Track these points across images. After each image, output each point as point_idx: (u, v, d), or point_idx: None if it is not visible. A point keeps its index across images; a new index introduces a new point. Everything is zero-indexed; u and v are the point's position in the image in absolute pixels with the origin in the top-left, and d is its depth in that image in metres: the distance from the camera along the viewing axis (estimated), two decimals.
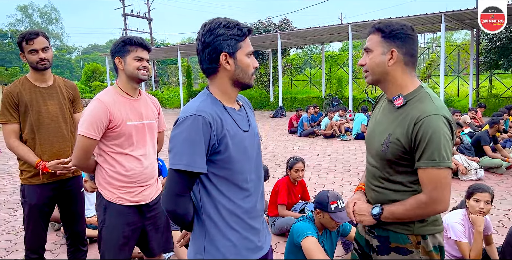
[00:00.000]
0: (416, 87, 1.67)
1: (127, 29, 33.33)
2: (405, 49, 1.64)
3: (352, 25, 15.09)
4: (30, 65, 2.67)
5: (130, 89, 2.35)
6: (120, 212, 2.33)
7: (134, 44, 2.28)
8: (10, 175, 7.46)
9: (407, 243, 1.67)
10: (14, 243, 4.18)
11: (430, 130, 1.53)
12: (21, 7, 68.38)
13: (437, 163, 1.54)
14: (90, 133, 2.19)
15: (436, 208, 1.58)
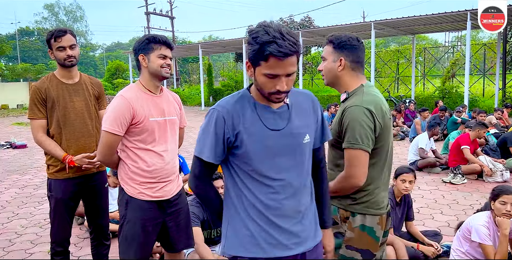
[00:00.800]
0: (357, 86, 2.01)
1: (149, 27, 33.70)
2: (351, 57, 1.99)
3: (375, 23, 14.90)
4: (57, 62, 2.73)
5: (152, 86, 2.38)
6: (141, 207, 2.36)
7: (158, 42, 2.31)
8: (36, 170, 7.66)
9: (335, 214, 1.99)
10: (39, 236, 4.29)
11: (350, 118, 1.88)
12: (48, 5, 69.91)
13: (351, 144, 1.86)
14: (114, 128, 2.23)
15: (350, 181, 1.90)
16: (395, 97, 16.85)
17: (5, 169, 7.76)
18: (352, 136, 1.86)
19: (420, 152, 6.83)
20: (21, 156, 9.25)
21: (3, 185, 6.53)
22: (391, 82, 22.61)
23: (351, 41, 1.98)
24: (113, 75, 33.23)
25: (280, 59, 1.43)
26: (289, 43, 1.41)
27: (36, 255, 3.83)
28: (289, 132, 1.60)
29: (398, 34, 18.34)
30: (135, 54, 2.35)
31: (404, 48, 23.71)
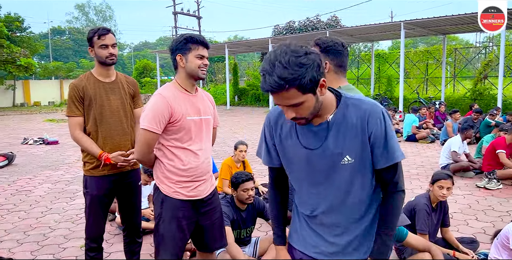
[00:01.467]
0: (336, 87, 2.05)
1: (177, 27, 34.08)
2: (335, 61, 2.10)
3: (405, 23, 14.60)
4: (98, 60, 2.77)
5: (189, 86, 2.39)
6: (176, 206, 2.37)
7: (196, 42, 2.30)
8: (68, 166, 7.84)
9: None
10: (72, 231, 4.38)
11: None
12: (79, 5, 71.64)
13: None
14: (152, 126, 2.24)
15: None
16: (424, 99, 16.48)
17: (38, 165, 7.97)
18: None
19: (453, 155, 6.64)
20: (53, 152, 9.49)
21: (36, 180, 6.71)
22: (420, 83, 22.15)
23: (337, 46, 2.10)
24: (140, 74, 33.75)
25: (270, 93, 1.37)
26: (274, 80, 1.31)
27: (69, 250, 3.90)
28: (322, 152, 1.53)
29: (428, 34, 17.95)
30: (172, 53, 2.34)
31: (433, 48, 23.16)
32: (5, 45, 22.53)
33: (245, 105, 24.88)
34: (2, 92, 26.67)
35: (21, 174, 7.13)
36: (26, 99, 28.52)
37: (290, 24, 23.41)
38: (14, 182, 6.56)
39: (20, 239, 4.16)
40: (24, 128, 14.46)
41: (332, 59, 2.11)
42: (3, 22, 24.46)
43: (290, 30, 22.72)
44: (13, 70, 23.39)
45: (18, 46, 24.91)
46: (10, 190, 6.10)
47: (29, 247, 3.96)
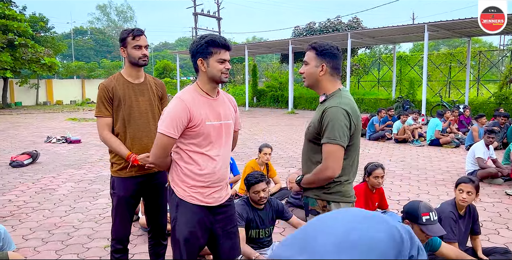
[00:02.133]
0: (335, 89, 2.27)
1: (197, 28, 34.27)
2: (331, 64, 2.24)
3: (428, 25, 14.34)
4: (130, 61, 2.77)
5: (210, 90, 2.33)
6: (191, 210, 2.33)
7: (217, 45, 2.24)
8: (90, 165, 7.92)
9: (315, 205, 2.27)
10: (95, 231, 4.39)
11: (330, 117, 2.14)
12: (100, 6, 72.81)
13: (330, 140, 2.12)
14: (169, 131, 2.20)
15: (325, 173, 2.15)
16: (448, 102, 16.15)
17: (62, 163, 8.07)
18: (331, 133, 2.11)
19: (479, 162, 6.45)
20: (75, 150, 9.60)
21: (60, 178, 6.78)
22: (442, 86, 21.74)
23: (333, 50, 2.24)
24: (160, 75, 34.09)
25: None
26: None
27: (93, 250, 3.91)
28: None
29: (452, 36, 17.60)
30: (192, 56, 2.29)
31: (457, 51, 22.71)
32: (30, 45, 22.97)
33: (263, 106, 24.84)
34: (26, 91, 27.25)
35: (45, 172, 7.23)
36: (48, 98, 29.09)
37: (311, 25, 23.23)
38: (38, 180, 6.65)
39: (45, 238, 4.19)
40: (47, 127, 14.71)
41: (328, 61, 2.24)
42: (28, 22, 24.96)
43: (311, 32, 22.56)
44: (37, 70, 23.85)
45: (42, 46, 25.40)
46: (35, 188, 6.17)
47: (53, 246, 3.98)
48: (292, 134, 12.49)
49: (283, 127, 14.13)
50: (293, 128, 13.83)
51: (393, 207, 4.95)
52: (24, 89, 26.89)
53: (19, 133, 13.10)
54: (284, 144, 10.31)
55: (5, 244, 2.95)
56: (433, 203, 5.30)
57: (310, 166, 2.27)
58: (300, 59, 23.79)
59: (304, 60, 2.32)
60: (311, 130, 2.26)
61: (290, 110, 20.01)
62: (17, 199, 5.57)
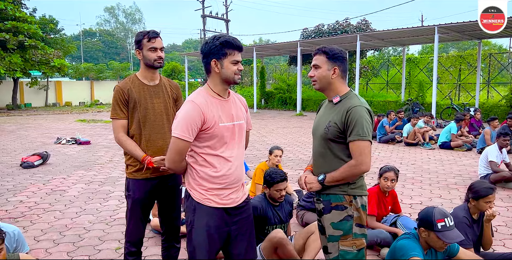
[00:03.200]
0: (347, 90, 2.40)
1: (205, 30, 34.35)
2: (342, 67, 2.37)
3: (439, 27, 14.25)
4: (145, 63, 2.76)
5: (222, 91, 2.30)
6: (208, 213, 2.29)
7: (232, 47, 2.21)
8: (100, 166, 7.93)
9: (343, 201, 2.34)
10: (106, 233, 4.38)
11: (356, 115, 2.24)
12: (108, 8, 73.40)
13: (361, 136, 2.23)
14: (185, 135, 2.17)
15: (361, 168, 2.25)
16: (458, 105, 16.01)
17: (72, 164, 8.10)
18: (361, 130, 2.22)
19: (492, 166, 6.36)
20: (85, 152, 9.64)
21: (70, 180, 6.80)
22: (452, 89, 21.57)
23: (342, 53, 2.36)
24: (169, 76, 34.19)
25: None
26: None
27: (104, 252, 3.90)
28: None
29: (463, 39, 17.46)
30: (206, 57, 2.24)
31: (467, 53, 22.54)
32: (40, 46, 23.16)
33: (271, 108, 24.82)
34: (36, 93, 27.48)
35: (55, 174, 7.25)
36: (58, 99, 29.31)
37: (319, 27, 23.21)
38: (49, 181, 6.67)
39: (56, 239, 4.19)
40: (57, 128, 14.80)
41: (340, 65, 2.36)
42: (38, 24, 25.18)
43: (319, 34, 22.53)
44: (47, 71, 24.04)
45: (52, 47, 25.60)
46: (45, 189, 6.19)
47: (65, 248, 3.98)
48: (300, 136, 12.44)
49: (292, 130, 14.09)
50: (302, 131, 13.78)
51: (406, 211, 4.90)
52: (33, 90, 27.12)
53: (29, 133, 13.20)
54: (293, 146, 10.27)
55: (18, 245, 2.95)
56: (446, 207, 5.23)
57: (334, 163, 2.33)
58: (309, 61, 23.75)
59: (315, 64, 2.40)
60: (332, 129, 2.32)
61: (299, 112, 19.97)
62: (28, 200, 5.59)
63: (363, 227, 2.37)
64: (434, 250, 2.76)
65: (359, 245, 2.34)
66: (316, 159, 2.48)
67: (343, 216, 2.32)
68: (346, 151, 2.32)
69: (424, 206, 5.28)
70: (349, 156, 2.31)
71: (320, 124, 2.45)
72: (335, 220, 2.34)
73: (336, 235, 2.34)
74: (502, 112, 15.27)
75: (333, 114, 2.36)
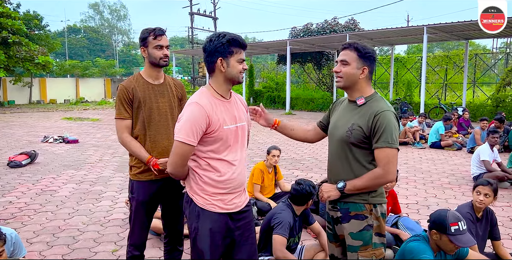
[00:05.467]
0: (372, 92, 2.26)
1: (193, 28, 34.12)
2: (370, 68, 2.23)
3: (428, 27, 14.36)
4: (150, 61, 2.68)
5: (225, 91, 2.22)
6: (213, 219, 2.22)
7: (239, 45, 2.13)
8: (90, 165, 7.78)
9: (363, 210, 2.21)
10: (101, 234, 4.28)
11: (385, 121, 2.10)
12: (92, 4, 72.29)
13: (390, 144, 2.10)
14: (189, 139, 2.07)
15: (387, 177, 2.12)
16: (445, 105, 16.19)
17: (61, 164, 7.92)
18: (389, 137, 2.09)
19: (486, 164, 6.42)
20: (74, 151, 9.44)
21: (60, 179, 6.65)
22: (439, 89, 21.82)
23: (374, 54, 2.22)
24: None
25: None
26: None
27: (100, 254, 3.81)
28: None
29: (451, 39, 17.65)
30: (210, 56, 2.14)
31: (453, 53, 22.82)
32: (24, 43, 22.65)
33: None
34: (19, 90, 26.90)
35: (44, 173, 7.08)
36: (42, 97, 28.75)
37: (308, 26, 23.19)
38: (38, 181, 6.51)
39: (50, 242, 4.07)
40: (43, 126, 14.51)
41: (369, 65, 2.22)
42: (22, 20, 24.63)
43: (308, 33, 22.53)
44: (31, 68, 23.54)
45: (36, 44, 25.07)
46: (35, 189, 6.04)
47: (59, 250, 3.87)
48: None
49: None
50: None
51: (403, 211, 4.89)
52: (17, 87, 26.54)
53: (14, 132, 12.90)
54: (285, 146, 10.23)
55: (16, 249, 2.84)
56: (441, 206, 5.26)
57: (355, 168, 2.20)
58: (298, 60, 23.77)
59: (343, 59, 2.23)
60: (356, 133, 2.18)
61: (288, 111, 19.96)
62: (18, 201, 5.44)
63: (383, 236, 2.26)
64: (443, 252, 2.74)
65: (379, 255, 2.24)
66: (333, 163, 2.33)
67: (363, 226, 2.20)
68: (369, 157, 2.19)
69: (420, 206, 5.30)
70: (371, 162, 2.18)
71: (339, 126, 2.28)
72: (354, 230, 2.21)
73: (355, 245, 2.23)
74: (488, 112, 15.50)
75: (356, 117, 2.21)
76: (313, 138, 2.64)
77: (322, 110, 21.28)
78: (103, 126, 14.73)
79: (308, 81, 27.62)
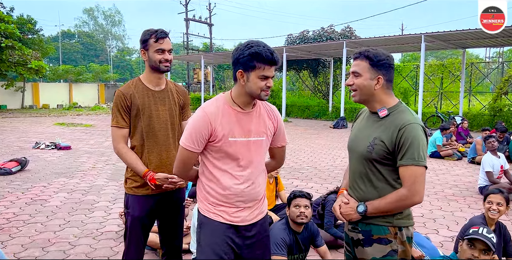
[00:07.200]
0: (396, 102, 2.03)
1: (188, 34, 34.00)
2: (387, 77, 1.99)
3: (425, 35, 14.33)
4: (150, 65, 2.48)
5: (244, 103, 2.05)
6: (215, 229, 2.05)
7: (263, 60, 1.93)
8: (83, 173, 7.52)
9: (387, 234, 1.98)
10: (94, 248, 4.04)
11: (411, 135, 1.88)
12: (87, 10, 72.05)
13: (416, 161, 1.87)
14: (189, 145, 2.01)
15: (414, 199, 1.89)
16: (442, 113, 16.12)
17: (52, 171, 7.66)
18: (416, 153, 1.86)
19: (489, 176, 6.25)
20: (66, 157, 9.17)
21: (51, 188, 6.39)
22: (434, 97, 21.81)
23: (389, 60, 1.99)
24: None
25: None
26: None
27: None
28: None
29: (448, 47, 17.64)
30: (234, 65, 2.00)
31: (449, 62, 22.86)
32: (17, 47, 22.37)
33: None
34: (12, 94, 26.54)
35: (35, 181, 6.82)
36: (35, 101, 28.40)
37: (304, 34, 23.17)
38: (28, 190, 6.25)
39: (39, 256, 3.83)
40: (35, 132, 14.20)
41: (385, 74, 1.98)
42: (16, 24, 24.35)
43: (304, 40, 22.49)
44: (24, 73, 23.26)
45: (30, 48, 24.78)
46: (25, 198, 5.78)
47: None
48: (289, 143, 12.21)
49: None
50: (289, 137, 13.53)
51: None
52: (9, 92, 26.17)
53: (5, 137, 12.59)
54: None
55: None
56: (448, 220, 5.09)
57: (380, 187, 1.98)
58: (293, 67, 23.69)
59: (354, 70, 2.02)
60: (378, 148, 1.95)
61: (284, 119, 19.80)
62: (6, 211, 5.18)
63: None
64: None
65: None
66: (354, 180, 2.10)
67: (387, 251, 1.98)
68: (395, 174, 1.96)
69: (426, 219, 5.12)
70: (397, 180, 1.96)
71: (359, 140, 2.07)
72: (377, 255, 2.00)
73: None
74: (486, 122, 15.44)
75: (379, 130, 1.99)
76: None
77: (318, 118, 21.16)
78: (97, 132, 14.45)
79: (303, 89, 27.53)
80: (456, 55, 39.25)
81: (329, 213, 4.13)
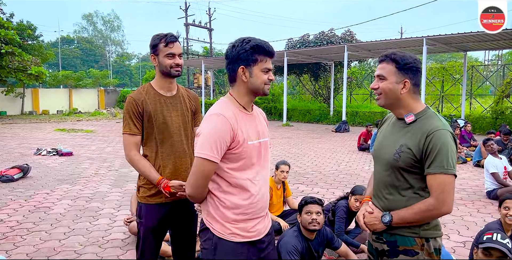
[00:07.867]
0: (424, 108, 1.96)
1: (188, 39, 34.02)
2: (414, 80, 1.93)
3: (427, 38, 14.31)
4: (161, 70, 2.42)
5: (247, 103, 1.98)
6: (233, 251, 1.93)
7: (264, 53, 1.89)
8: (85, 180, 7.44)
9: (413, 245, 1.89)
10: (100, 257, 3.96)
11: (440, 141, 1.79)
12: (86, 15, 72.23)
13: (445, 169, 1.78)
14: (213, 155, 1.82)
15: (442, 209, 1.80)
16: (444, 117, 16.06)
17: (55, 178, 7.57)
18: (445, 161, 1.78)
19: (496, 177, 6.21)
20: (68, 164, 9.09)
21: (54, 195, 6.31)
22: (435, 101, 21.79)
23: (417, 63, 1.93)
24: None
25: None
26: None
27: None
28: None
29: (449, 50, 17.64)
30: (232, 63, 1.91)
31: (449, 65, 22.88)
32: (17, 53, 22.32)
33: None
34: (11, 100, 26.46)
35: (38, 188, 6.74)
36: (34, 107, 28.31)
37: (305, 38, 23.17)
38: (31, 197, 6.16)
39: None
40: (35, 138, 14.12)
41: (412, 78, 1.92)
42: (16, 30, 24.32)
43: (304, 44, 22.48)
44: (24, 79, 23.18)
45: (29, 54, 24.74)
46: (28, 206, 5.70)
47: None
48: (291, 147, 12.16)
49: (281, 140, 13.81)
50: (291, 142, 13.51)
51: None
52: (9, 98, 26.09)
53: (6, 143, 12.50)
54: (286, 158, 9.97)
55: None
56: (458, 224, 5.02)
57: (407, 196, 1.90)
58: (294, 71, 23.67)
59: (379, 74, 1.96)
60: (405, 156, 1.87)
61: (285, 123, 19.74)
62: (9, 219, 5.10)
63: None
64: None
65: None
66: (379, 189, 2.03)
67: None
68: (422, 183, 1.87)
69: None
70: (425, 189, 1.87)
71: (385, 147, 1.99)
72: None
73: None
74: (488, 124, 15.41)
75: (406, 137, 1.91)
76: None
77: (320, 122, 21.10)
78: (98, 138, 14.37)
79: (303, 93, 27.50)
80: (456, 58, 39.32)
81: (339, 219, 4.07)
